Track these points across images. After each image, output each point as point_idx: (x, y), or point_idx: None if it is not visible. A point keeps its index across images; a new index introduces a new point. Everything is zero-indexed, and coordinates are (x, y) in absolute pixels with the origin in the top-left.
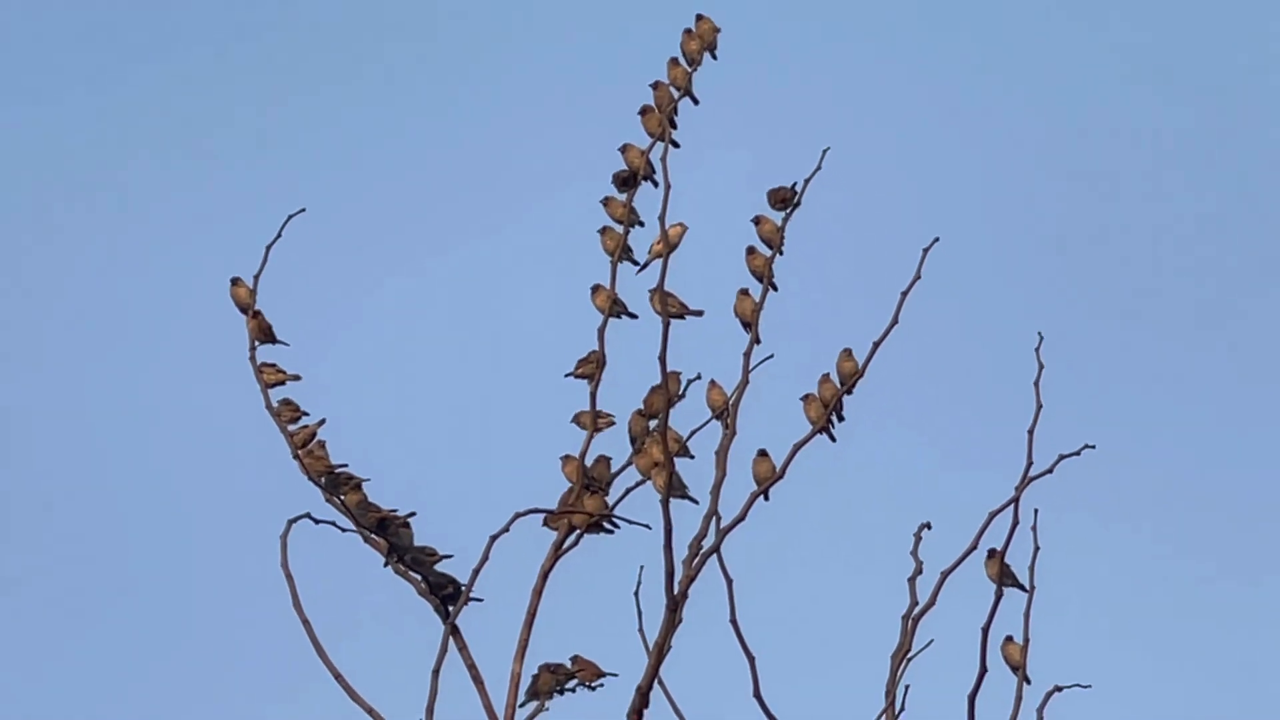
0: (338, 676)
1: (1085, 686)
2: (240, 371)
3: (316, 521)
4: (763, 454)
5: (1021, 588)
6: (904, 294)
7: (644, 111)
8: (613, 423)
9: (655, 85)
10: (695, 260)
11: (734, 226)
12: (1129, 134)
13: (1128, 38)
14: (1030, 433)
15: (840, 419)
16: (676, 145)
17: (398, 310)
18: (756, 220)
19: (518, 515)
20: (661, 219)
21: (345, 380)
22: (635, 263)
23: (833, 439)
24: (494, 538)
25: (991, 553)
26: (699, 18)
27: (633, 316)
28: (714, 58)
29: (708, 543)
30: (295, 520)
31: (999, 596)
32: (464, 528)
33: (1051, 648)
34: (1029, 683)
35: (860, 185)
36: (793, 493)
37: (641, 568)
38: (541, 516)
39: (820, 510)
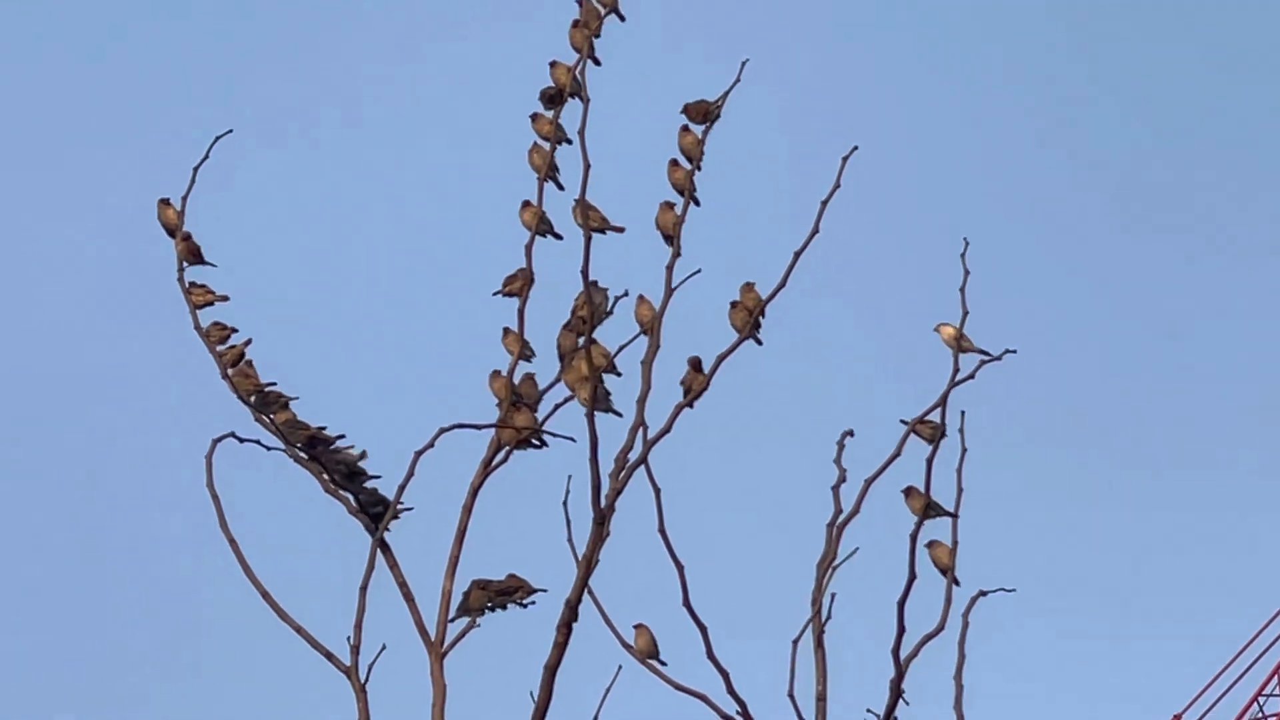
0: (265, 595)
1: (1010, 590)
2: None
3: (241, 440)
4: (694, 364)
5: (948, 514)
6: (824, 203)
7: (573, 25)
8: (532, 357)
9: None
10: (617, 174)
11: (654, 141)
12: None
13: None
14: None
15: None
16: (598, 62)
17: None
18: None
19: (442, 430)
20: (581, 133)
21: (274, 300)
22: (561, 186)
23: (759, 343)
24: (419, 453)
25: (910, 490)
26: None
27: (558, 237)
28: None
29: (634, 455)
30: (220, 439)
31: (919, 525)
32: (394, 446)
33: (975, 552)
34: (958, 584)
35: (780, 96)
36: (718, 403)
37: (570, 477)
38: (471, 433)
39: (745, 420)
